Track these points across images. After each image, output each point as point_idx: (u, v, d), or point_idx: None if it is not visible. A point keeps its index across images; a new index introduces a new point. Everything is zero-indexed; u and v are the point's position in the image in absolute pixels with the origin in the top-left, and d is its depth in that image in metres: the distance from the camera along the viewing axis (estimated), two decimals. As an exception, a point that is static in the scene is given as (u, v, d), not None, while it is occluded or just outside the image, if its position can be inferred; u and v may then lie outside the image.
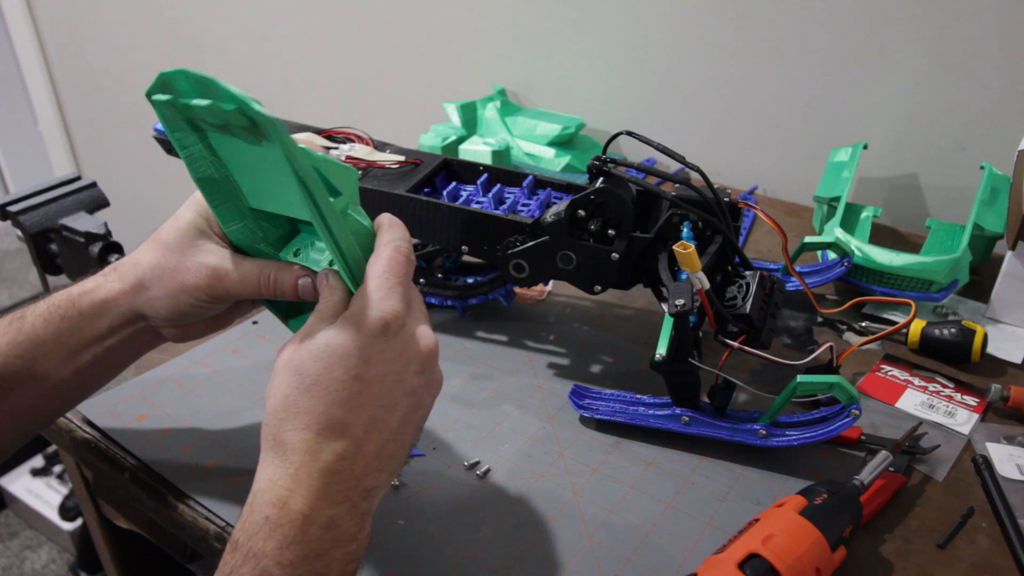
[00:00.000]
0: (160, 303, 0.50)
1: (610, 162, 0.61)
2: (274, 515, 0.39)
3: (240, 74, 1.60)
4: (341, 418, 0.41)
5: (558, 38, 1.14)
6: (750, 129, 1.04)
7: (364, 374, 0.41)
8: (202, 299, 0.50)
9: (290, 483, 0.40)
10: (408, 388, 0.43)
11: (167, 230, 0.51)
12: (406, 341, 0.43)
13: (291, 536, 0.39)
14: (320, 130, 0.76)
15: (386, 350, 0.42)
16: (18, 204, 0.76)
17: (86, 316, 0.51)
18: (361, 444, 0.41)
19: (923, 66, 0.90)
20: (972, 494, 0.56)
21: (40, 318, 0.50)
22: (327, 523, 0.40)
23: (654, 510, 0.55)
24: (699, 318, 0.61)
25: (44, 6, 1.94)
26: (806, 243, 0.75)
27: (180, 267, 0.50)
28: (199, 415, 0.63)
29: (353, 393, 0.41)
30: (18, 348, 0.50)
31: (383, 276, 0.44)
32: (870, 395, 0.65)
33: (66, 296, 0.51)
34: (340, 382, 0.41)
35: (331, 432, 0.41)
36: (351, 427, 0.41)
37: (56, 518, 1.63)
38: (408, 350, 0.43)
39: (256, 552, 0.39)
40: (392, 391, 0.42)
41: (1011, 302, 0.74)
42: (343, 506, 0.41)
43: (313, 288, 0.49)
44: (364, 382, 0.41)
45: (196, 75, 0.44)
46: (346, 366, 0.41)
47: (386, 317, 0.42)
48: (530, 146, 1.04)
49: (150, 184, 1.87)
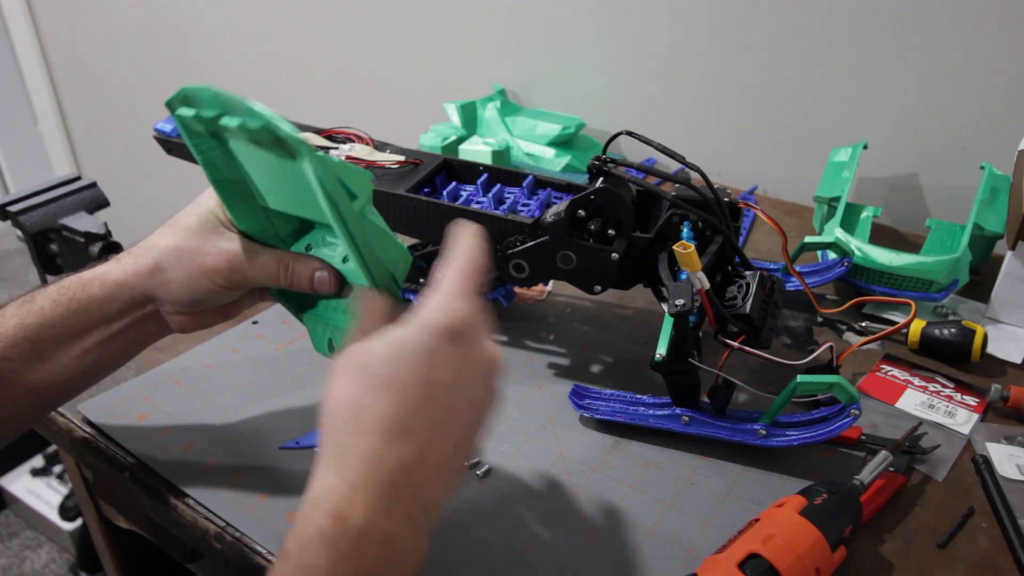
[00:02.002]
0: (177, 285, 0.51)
1: (610, 162, 0.61)
2: (329, 527, 0.37)
3: (240, 74, 1.60)
4: (407, 422, 0.39)
5: (558, 38, 1.14)
6: (750, 129, 1.04)
7: (432, 378, 0.40)
8: (220, 283, 0.51)
9: (349, 493, 0.37)
10: (473, 398, 0.41)
11: (186, 216, 0.52)
12: (474, 349, 0.42)
13: (345, 551, 0.36)
14: (320, 130, 0.76)
15: (454, 355, 0.40)
16: (18, 204, 0.76)
17: (95, 298, 0.51)
18: (425, 452, 0.39)
19: (923, 66, 0.90)
20: (972, 494, 0.56)
21: (49, 299, 0.51)
22: (383, 539, 0.37)
23: (654, 510, 0.55)
24: (699, 318, 0.61)
25: (44, 6, 1.94)
26: (806, 243, 0.75)
27: (201, 250, 0.51)
28: (199, 415, 0.63)
29: (422, 398, 0.39)
30: (25, 330, 0.50)
31: (455, 282, 0.43)
32: (870, 395, 0.65)
33: (76, 279, 0.52)
34: (409, 385, 0.39)
35: (397, 437, 0.38)
36: (417, 433, 0.39)
37: (56, 518, 1.63)
38: (475, 359, 0.42)
39: (308, 566, 0.36)
40: (457, 399, 0.40)
41: (1011, 302, 0.74)
42: (401, 521, 0.38)
43: (328, 281, 0.51)
44: (432, 386, 0.40)
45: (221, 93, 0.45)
46: (417, 368, 0.39)
47: (456, 322, 0.41)
48: (530, 146, 1.04)
49: (150, 184, 1.87)
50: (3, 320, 0.51)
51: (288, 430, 0.61)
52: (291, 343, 0.71)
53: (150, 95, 1.82)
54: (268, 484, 0.56)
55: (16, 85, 2.32)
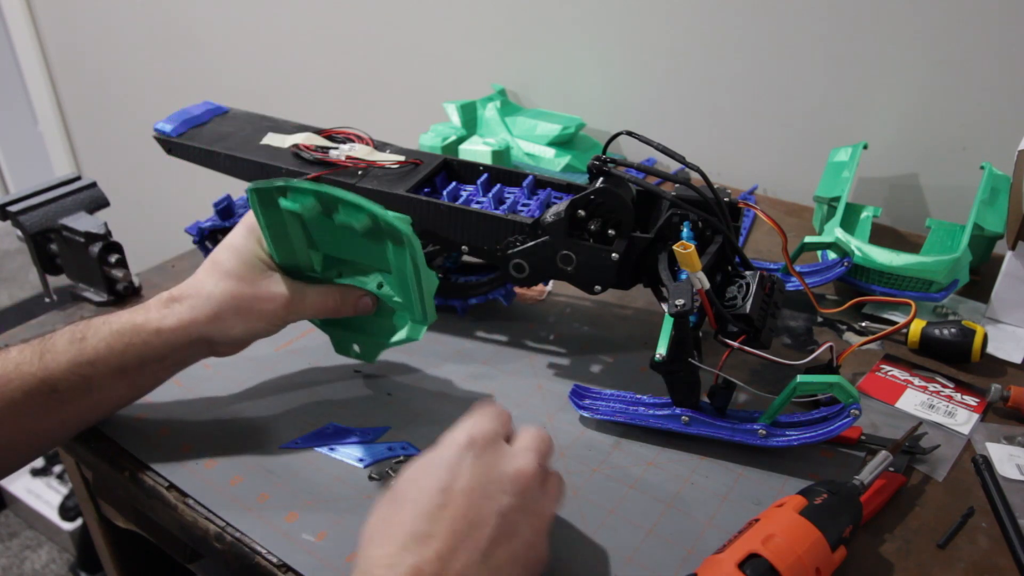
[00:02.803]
0: (237, 331, 0.56)
1: (610, 162, 0.61)
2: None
3: (240, 74, 1.60)
4: (424, 529, 0.40)
5: (558, 38, 1.14)
6: (750, 129, 1.04)
7: (450, 486, 0.41)
8: (277, 324, 0.57)
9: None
10: (499, 508, 0.42)
11: (231, 261, 0.56)
12: (495, 458, 0.43)
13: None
14: (320, 130, 0.76)
15: (474, 464, 0.42)
16: (18, 204, 0.76)
17: (152, 345, 0.54)
18: (446, 560, 0.39)
19: (923, 66, 0.90)
20: (972, 494, 0.56)
21: (103, 343, 0.53)
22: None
23: (654, 510, 0.55)
24: (699, 318, 0.61)
25: (44, 6, 1.94)
26: (806, 243, 0.75)
27: (257, 296, 0.56)
28: (199, 415, 0.63)
29: (438, 505, 0.41)
30: (80, 368, 0.53)
31: (484, 410, 0.46)
32: (870, 395, 0.65)
33: (130, 324, 0.54)
34: (427, 494, 0.41)
35: (414, 543, 0.39)
36: (434, 539, 0.40)
37: (56, 518, 1.63)
38: (498, 467, 0.43)
39: None
40: (480, 508, 0.41)
41: (1011, 302, 0.74)
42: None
43: (370, 305, 0.59)
44: (450, 494, 0.41)
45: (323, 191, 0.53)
46: (433, 479, 0.42)
47: (473, 433, 0.44)
48: (530, 146, 1.04)
49: (150, 184, 1.87)
50: (56, 355, 0.53)
51: (288, 430, 0.61)
52: (291, 343, 0.71)
53: (150, 95, 1.82)
54: (268, 484, 0.56)
55: (16, 85, 2.32)
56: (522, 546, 0.42)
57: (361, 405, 0.64)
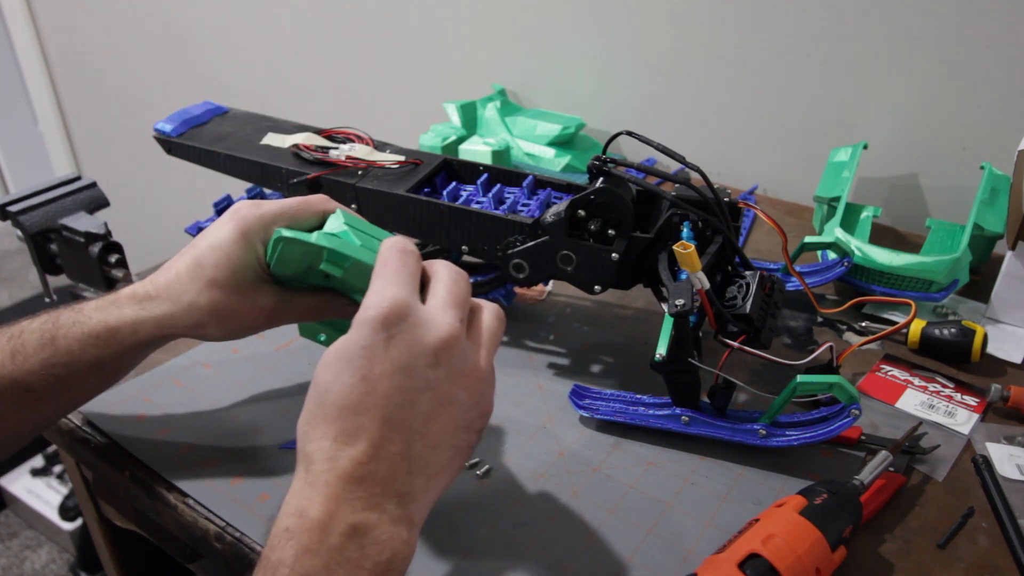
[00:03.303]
0: (218, 335, 0.54)
1: (610, 162, 0.61)
2: (293, 524, 0.38)
3: (240, 74, 1.60)
4: (354, 422, 0.40)
5: (558, 38, 1.14)
6: (750, 129, 1.04)
7: (369, 374, 0.40)
8: (259, 329, 0.55)
9: (309, 491, 0.39)
10: (423, 382, 0.41)
11: (219, 270, 0.51)
12: (412, 332, 0.41)
13: (308, 543, 0.38)
14: (320, 130, 0.76)
15: (389, 345, 0.40)
16: (18, 204, 0.76)
17: (129, 344, 0.52)
18: (380, 446, 0.40)
19: (923, 66, 0.90)
20: (972, 494, 0.56)
21: (76, 344, 0.51)
22: (349, 530, 0.38)
23: (654, 510, 0.55)
24: (699, 318, 0.61)
25: (44, 6, 1.94)
26: (806, 243, 0.75)
27: (240, 309, 0.52)
28: (199, 415, 0.63)
29: (362, 394, 0.40)
30: (54, 369, 0.51)
31: (378, 275, 0.43)
32: (870, 395, 0.65)
33: (103, 326, 0.51)
34: (347, 386, 0.40)
35: (346, 437, 0.40)
36: (366, 429, 0.40)
37: (56, 518, 1.63)
38: (416, 342, 0.41)
39: (275, 561, 0.38)
40: (406, 389, 0.41)
41: (1011, 302, 0.74)
42: (369, 513, 0.39)
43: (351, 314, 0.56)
44: (371, 382, 0.40)
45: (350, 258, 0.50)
46: (351, 368, 0.40)
47: (383, 309, 0.41)
48: (530, 146, 1.04)
49: (150, 184, 1.87)
50: (27, 357, 0.51)
51: (288, 430, 0.61)
52: (291, 343, 0.71)
53: (150, 95, 1.82)
54: (268, 484, 0.56)
55: (16, 85, 2.32)
56: (460, 410, 0.42)
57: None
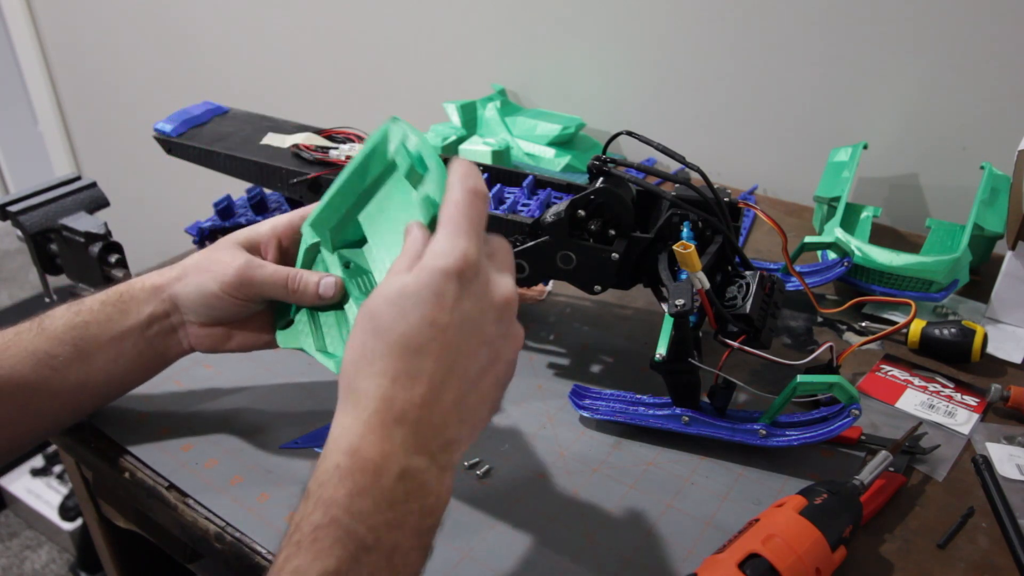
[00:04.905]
0: (192, 288, 0.56)
1: (610, 162, 0.61)
2: (345, 462, 0.38)
3: (240, 74, 1.60)
4: (417, 365, 0.39)
5: (558, 38, 1.14)
6: (750, 129, 1.04)
7: (439, 320, 0.40)
8: (229, 291, 0.56)
9: (363, 430, 0.39)
10: (485, 337, 0.41)
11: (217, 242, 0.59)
12: (482, 288, 0.41)
13: (362, 484, 0.38)
14: (320, 130, 0.76)
15: (461, 297, 0.40)
16: (18, 204, 0.76)
17: (136, 299, 0.57)
18: (439, 392, 0.40)
19: (923, 66, 0.90)
20: (972, 494, 0.56)
21: (97, 301, 0.57)
22: (401, 473, 0.38)
23: (654, 510, 0.55)
24: (699, 318, 0.61)
25: (44, 6, 1.94)
26: (806, 243, 0.75)
27: (215, 259, 0.56)
28: (199, 415, 0.63)
29: (428, 339, 0.39)
30: (73, 329, 0.55)
31: (453, 220, 0.42)
32: (870, 395, 0.65)
33: (126, 284, 0.58)
34: (415, 328, 0.39)
35: (407, 378, 0.39)
36: (427, 374, 0.39)
37: (56, 518, 1.63)
38: (485, 297, 0.41)
39: (326, 499, 0.37)
40: (469, 338, 0.41)
41: (1011, 302, 0.74)
42: (420, 457, 0.39)
43: (334, 286, 0.55)
44: (439, 328, 0.40)
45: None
46: (421, 312, 0.40)
47: (459, 262, 0.40)
48: (530, 146, 1.04)
49: (150, 184, 1.87)
50: (54, 319, 0.56)
51: (288, 430, 0.61)
52: (291, 343, 0.71)
53: (150, 95, 1.82)
54: (268, 484, 0.56)
55: (16, 85, 2.32)
56: (504, 367, 0.43)
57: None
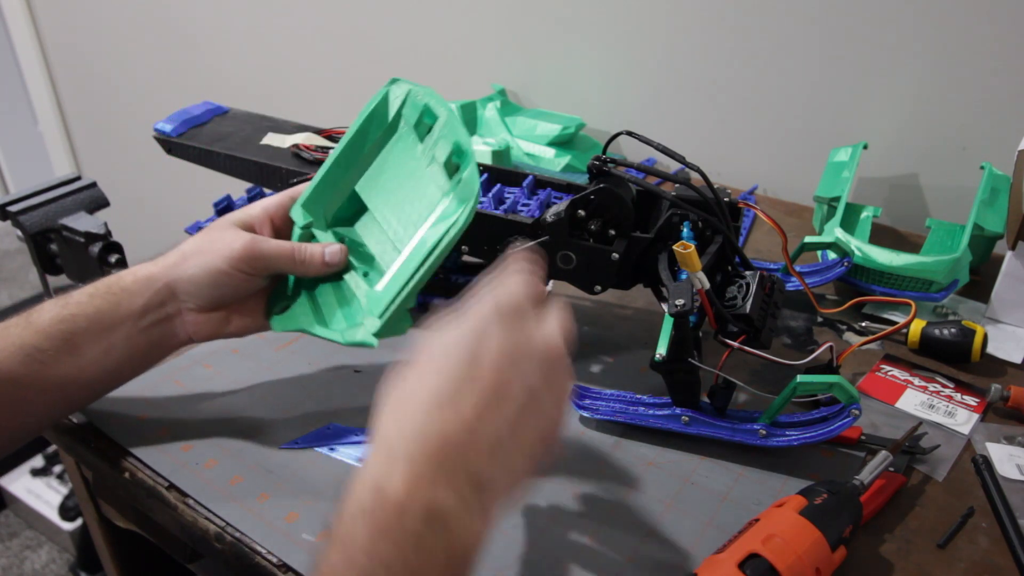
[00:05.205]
0: (196, 270, 0.56)
1: (610, 162, 0.61)
2: (368, 500, 0.36)
3: (240, 74, 1.60)
4: (451, 396, 0.38)
5: (558, 38, 1.14)
6: (750, 129, 1.04)
7: (478, 354, 0.39)
8: (236, 266, 0.55)
9: (388, 466, 0.36)
10: (526, 382, 0.40)
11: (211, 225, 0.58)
12: (527, 333, 0.41)
13: (383, 523, 0.35)
14: (320, 130, 0.76)
15: (503, 335, 0.40)
16: (18, 204, 0.76)
17: (127, 290, 0.56)
18: (472, 427, 0.38)
19: (923, 66, 0.90)
20: (972, 494, 0.56)
21: (85, 293, 0.56)
22: (426, 512, 0.36)
23: (654, 510, 0.55)
24: (699, 318, 0.61)
25: (44, 6, 1.94)
26: (806, 243, 0.75)
27: (219, 239, 0.56)
28: (199, 415, 0.63)
29: (466, 374, 0.38)
30: (62, 322, 0.54)
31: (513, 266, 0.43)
32: (870, 395, 0.65)
33: (116, 276, 0.57)
34: (454, 361, 0.39)
35: (438, 408, 0.38)
36: (461, 405, 0.38)
37: (56, 518, 1.63)
38: (529, 342, 0.40)
39: (347, 539, 0.36)
40: (507, 378, 0.39)
41: (1011, 302, 0.74)
42: (448, 494, 0.36)
43: (340, 252, 0.57)
44: (478, 365, 0.39)
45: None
46: (464, 346, 0.39)
47: (501, 301, 0.41)
48: (530, 146, 1.04)
49: (150, 184, 1.87)
50: (41, 313, 0.55)
51: (288, 430, 0.61)
52: (291, 343, 0.71)
53: (150, 95, 1.82)
54: (268, 484, 0.56)
55: (16, 85, 2.32)
56: (547, 423, 0.41)
57: (361, 405, 0.64)
